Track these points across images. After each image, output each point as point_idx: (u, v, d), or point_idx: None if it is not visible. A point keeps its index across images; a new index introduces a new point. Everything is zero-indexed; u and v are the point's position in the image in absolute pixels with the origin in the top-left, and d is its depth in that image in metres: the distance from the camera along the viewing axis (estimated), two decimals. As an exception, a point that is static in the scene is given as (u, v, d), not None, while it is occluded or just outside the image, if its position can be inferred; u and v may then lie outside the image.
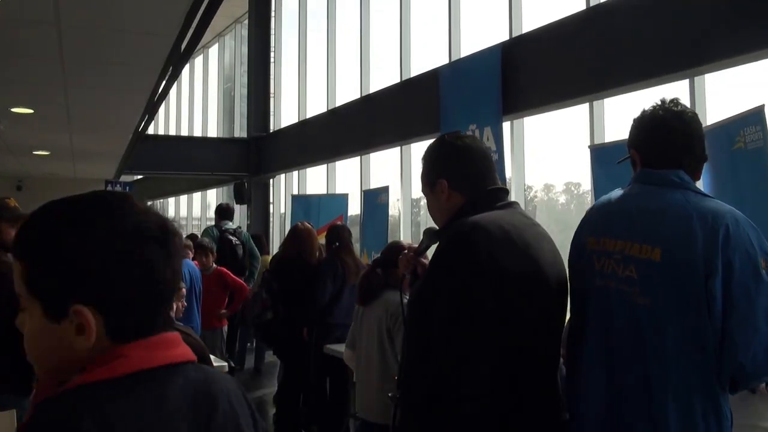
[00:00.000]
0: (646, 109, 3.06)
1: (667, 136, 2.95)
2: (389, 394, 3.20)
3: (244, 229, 15.77)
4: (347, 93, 15.91)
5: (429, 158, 3.12)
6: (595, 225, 2.98)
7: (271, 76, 20.35)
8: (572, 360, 3.00)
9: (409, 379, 2.80)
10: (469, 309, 2.59)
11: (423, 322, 2.74)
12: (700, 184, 2.99)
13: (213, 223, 11.85)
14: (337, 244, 8.05)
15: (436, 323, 2.63)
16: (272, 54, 20.35)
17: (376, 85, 14.77)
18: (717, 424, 2.65)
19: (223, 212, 11.75)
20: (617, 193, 3.00)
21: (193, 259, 8.89)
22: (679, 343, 2.65)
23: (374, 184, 14.47)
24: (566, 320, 2.99)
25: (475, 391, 2.55)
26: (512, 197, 3.20)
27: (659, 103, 3.03)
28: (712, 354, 2.63)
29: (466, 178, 2.98)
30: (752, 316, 2.61)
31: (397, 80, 13.73)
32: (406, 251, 3.32)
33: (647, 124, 3.03)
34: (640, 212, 2.83)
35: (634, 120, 3.10)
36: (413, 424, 2.67)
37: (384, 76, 14.47)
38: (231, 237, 10.96)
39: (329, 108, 16.60)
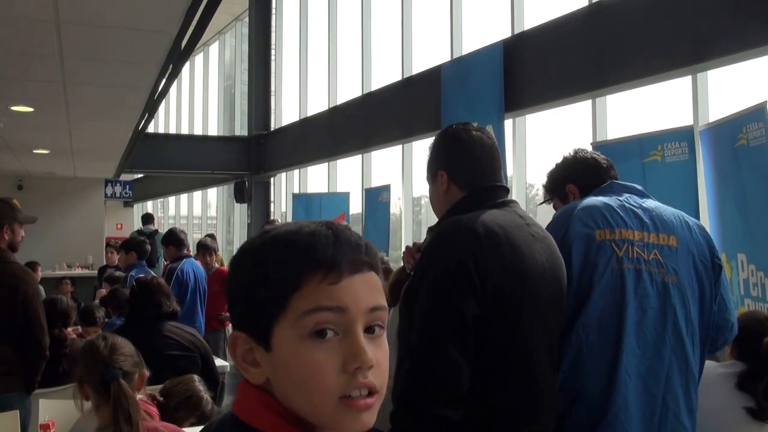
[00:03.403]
0: (567, 155, 3.61)
1: (598, 167, 3.48)
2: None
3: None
4: (348, 91, 15.89)
5: (433, 147, 3.05)
6: (598, 220, 3.11)
7: (272, 74, 20.31)
8: (599, 344, 3.00)
9: (395, 377, 2.72)
10: (446, 311, 2.53)
11: (406, 320, 2.70)
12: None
13: (145, 226, 15.07)
14: None
15: (416, 322, 2.58)
16: (273, 52, 20.30)
17: (377, 82, 14.72)
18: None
19: (145, 219, 15.62)
20: (601, 198, 3.27)
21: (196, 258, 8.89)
22: (698, 313, 3.12)
23: (376, 182, 14.44)
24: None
25: (446, 396, 2.48)
26: (514, 195, 3.19)
27: (575, 150, 3.61)
28: (711, 320, 3.18)
29: (467, 172, 2.90)
30: (727, 286, 3.31)
31: (399, 78, 13.69)
32: (409, 245, 3.30)
33: (579, 164, 3.54)
34: (643, 210, 3.18)
35: (558, 166, 3.63)
36: (392, 427, 2.58)
37: (385, 74, 14.44)
38: (143, 238, 11.78)
39: (330, 106, 16.56)
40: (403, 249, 3.41)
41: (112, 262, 11.72)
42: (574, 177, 3.50)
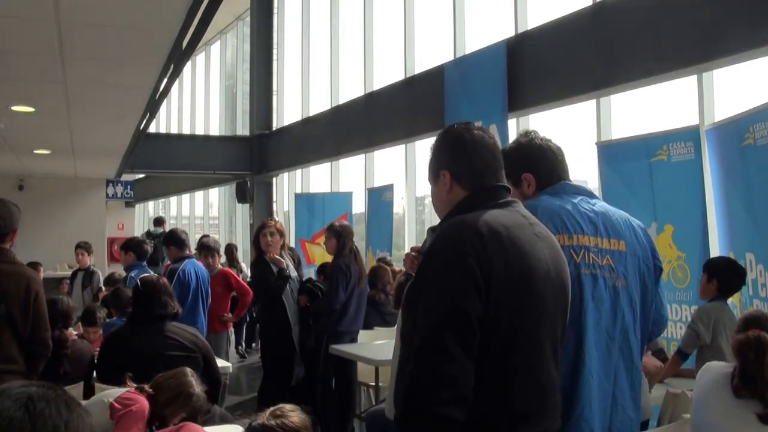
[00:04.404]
0: (522, 140, 3.56)
1: (554, 159, 3.46)
2: None
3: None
4: (351, 90, 15.90)
5: (435, 147, 3.01)
6: (558, 225, 3.18)
7: (274, 73, 20.31)
8: (570, 351, 3.08)
9: (397, 379, 2.72)
10: (450, 311, 2.49)
11: (409, 320, 2.67)
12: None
13: (153, 228, 16.44)
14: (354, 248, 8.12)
15: (419, 321, 2.55)
16: (275, 51, 20.29)
17: (380, 82, 14.71)
18: None
19: (156, 222, 17.19)
20: (558, 200, 3.31)
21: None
22: (641, 313, 3.29)
23: (378, 182, 14.42)
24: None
25: (451, 396, 2.44)
26: None
27: (527, 135, 3.56)
28: (651, 316, 3.37)
29: (469, 172, 2.86)
30: (662, 285, 3.53)
31: (402, 77, 13.67)
32: (409, 252, 3.29)
33: (536, 153, 3.49)
34: (595, 214, 3.27)
35: (514, 151, 3.53)
36: (397, 428, 2.56)
37: (388, 73, 14.43)
38: (147, 239, 12.86)
39: (333, 105, 16.54)
40: (406, 250, 3.44)
41: (84, 264, 11.64)
42: (532, 166, 3.46)
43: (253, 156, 19.84)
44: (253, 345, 13.68)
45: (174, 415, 4.23)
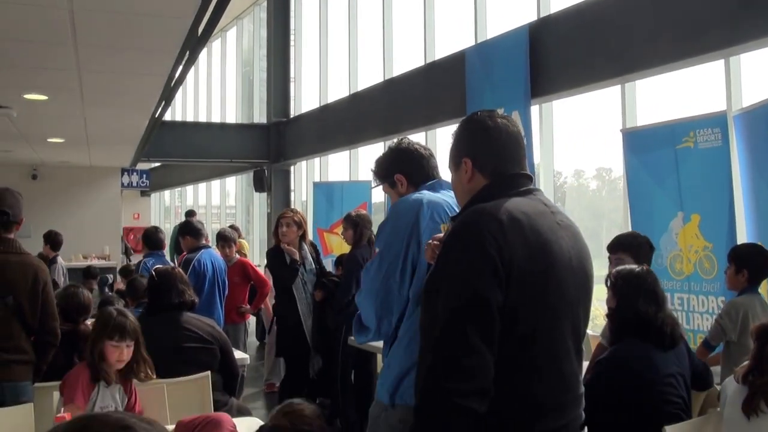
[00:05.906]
0: (392, 146, 4.18)
1: (422, 159, 4.04)
2: None
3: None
4: (370, 76, 15.73)
5: (457, 135, 3.00)
6: (442, 215, 3.62)
7: (291, 60, 20.19)
8: None
9: (417, 370, 2.68)
10: (470, 301, 2.47)
11: (428, 310, 2.64)
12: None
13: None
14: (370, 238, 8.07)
15: (439, 311, 2.51)
16: (292, 37, 20.18)
17: (399, 67, 14.55)
18: None
19: (188, 214, 18.12)
20: (437, 194, 3.75)
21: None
22: None
23: (398, 170, 14.27)
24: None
25: (472, 387, 2.41)
26: (541, 183, 3.13)
27: (398, 140, 4.16)
28: None
29: (491, 160, 2.85)
30: None
31: (422, 63, 13.53)
32: (429, 241, 3.28)
33: (405, 155, 4.07)
34: None
35: (386, 155, 4.21)
36: (415, 420, 2.52)
37: (408, 59, 14.29)
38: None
39: (351, 92, 16.40)
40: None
41: (48, 255, 11.61)
42: (402, 167, 3.97)
43: (271, 144, 19.77)
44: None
45: None
